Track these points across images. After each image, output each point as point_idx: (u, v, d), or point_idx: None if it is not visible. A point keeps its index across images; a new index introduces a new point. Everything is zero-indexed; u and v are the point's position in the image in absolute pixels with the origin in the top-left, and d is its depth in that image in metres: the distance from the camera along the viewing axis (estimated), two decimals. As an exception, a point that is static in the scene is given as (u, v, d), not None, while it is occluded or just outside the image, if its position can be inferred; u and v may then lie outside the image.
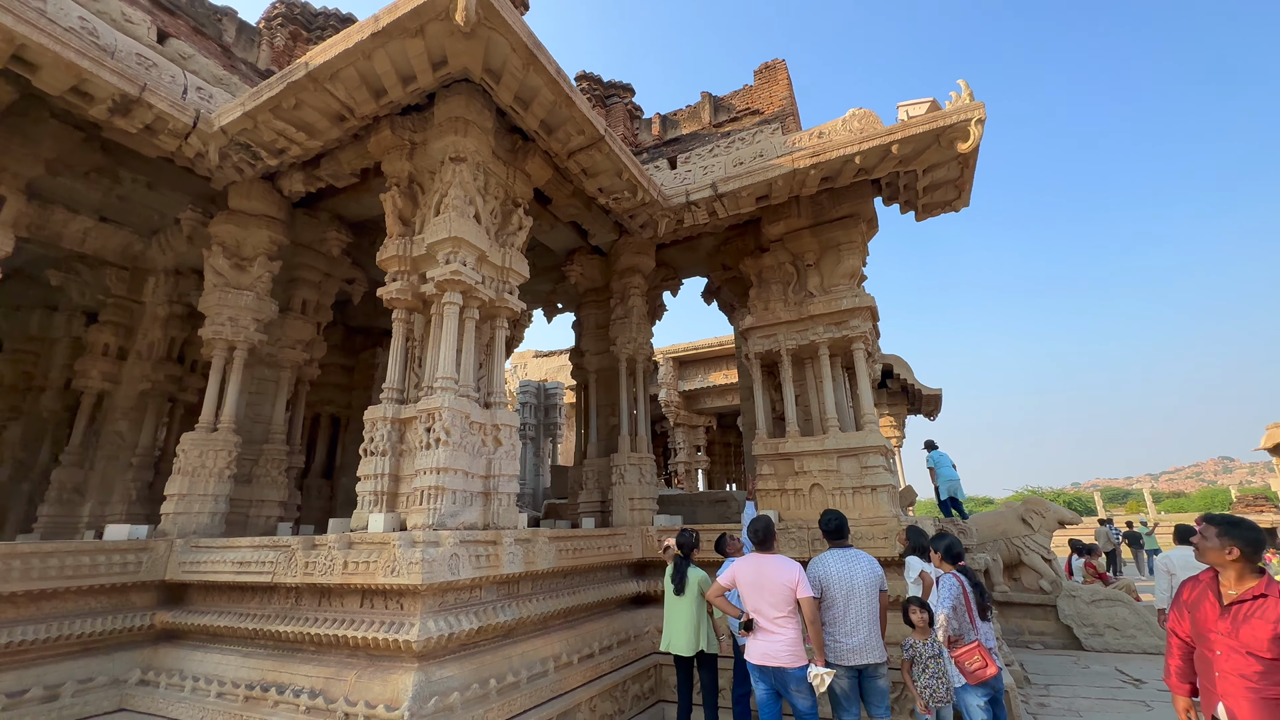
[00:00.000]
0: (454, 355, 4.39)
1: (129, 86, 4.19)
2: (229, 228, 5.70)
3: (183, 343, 7.92)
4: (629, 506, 6.36)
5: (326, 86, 4.25)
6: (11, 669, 3.81)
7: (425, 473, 3.98)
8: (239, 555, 4.30)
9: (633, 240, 7.06)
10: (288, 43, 7.20)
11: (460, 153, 4.61)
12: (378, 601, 3.76)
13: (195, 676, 4.00)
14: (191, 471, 5.10)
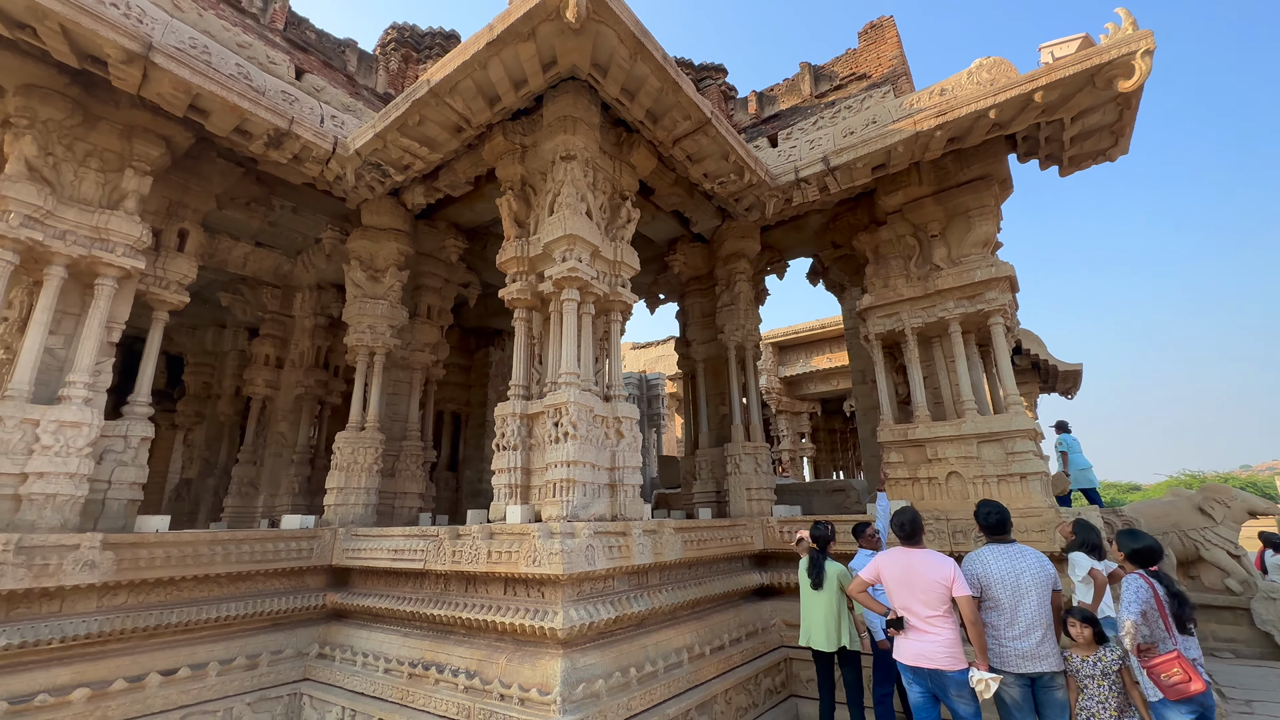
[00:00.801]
0: (574, 350, 4.48)
1: (280, 121, 4.64)
2: (363, 243, 6.19)
3: (327, 350, 8.77)
4: (746, 497, 6.24)
5: (446, 100, 4.46)
6: (221, 640, 4.40)
7: (556, 466, 4.10)
8: (392, 544, 4.68)
9: (737, 225, 6.88)
10: (400, 65, 7.68)
11: (570, 151, 4.68)
12: (520, 589, 3.94)
13: (364, 652, 4.41)
14: (346, 467, 5.62)
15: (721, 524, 5.40)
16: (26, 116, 4.15)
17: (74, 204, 4.32)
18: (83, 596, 3.88)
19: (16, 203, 4.00)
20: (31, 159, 4.14)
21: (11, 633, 3.51)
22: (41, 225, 4.12)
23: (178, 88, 4.19)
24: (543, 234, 4.73)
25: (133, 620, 3.97)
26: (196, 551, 4.34)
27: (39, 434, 3.95)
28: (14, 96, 4.15)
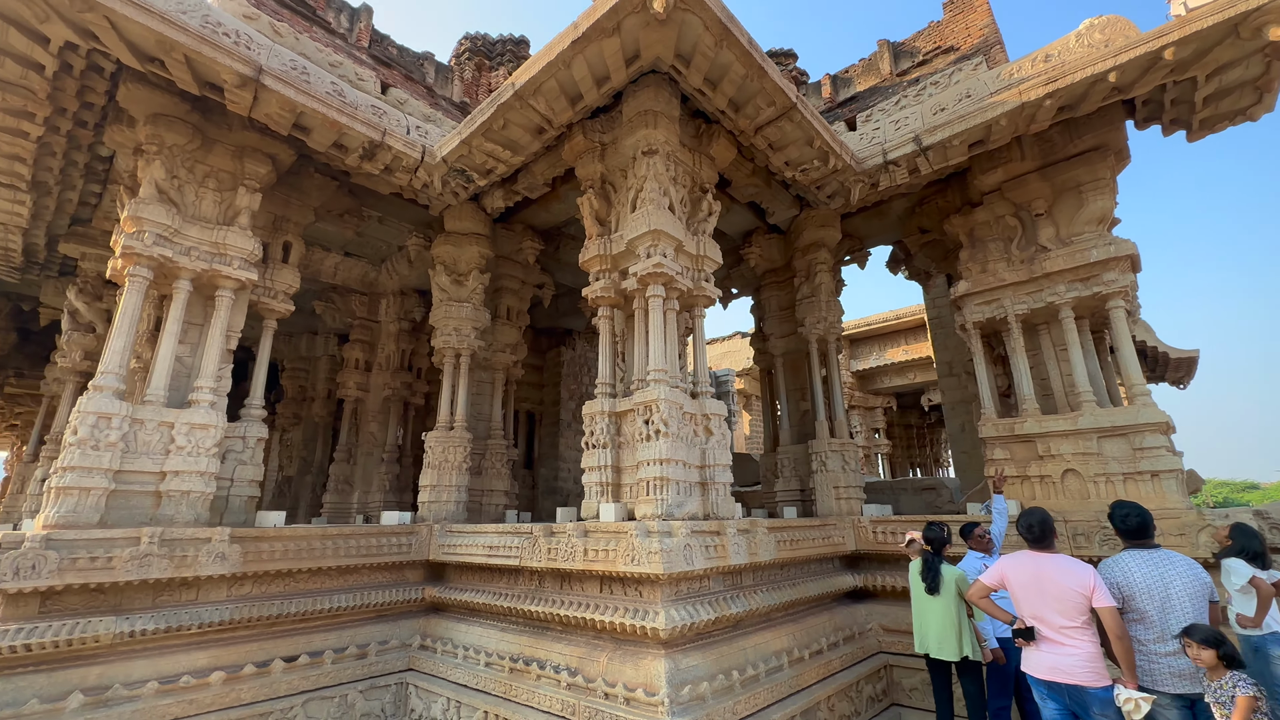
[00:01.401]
0: (662, 346, 4.43)
1: (374, 134, 4.83)
2: (447, 248, 6.38)
3: (410, 353, 9.14)
4: (834, 495, 6.00)
5: (530, 101, 4.51)
6: (333, 629, 4.63)
7: (648, 464, 4.07)
8: (487, 540, 4.78)
9: (816, 213, 6.63)
10: (474, 74, 7.89)
11: (651, 145, 4.63)
12: (616, 588, 3.92)
13: (465, 646, 4.53)
14: (438, 465, 5.82)
15: (812, 524, 5.21)
16: (155, 143, 4.50)
17: (196, 222, 4.66)
18: (214, 586, 4.18)
19: (150, 223, 4.35)
20: (160, 182, 4.49)
21: (159, 618, 3.82)
22: (170, 243, 4.46)
23: (284, 107, 4.43)
24: (625, 231, 4.71)
25: (257, 609, 4.24)
26: (310, 546, 4.59)
27: (174, 435, 4.29)
28: (144, 126, 4.51)
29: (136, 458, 4.11)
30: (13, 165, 5.13)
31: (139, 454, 4.13)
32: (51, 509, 3.74)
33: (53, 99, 4.43)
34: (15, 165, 5.12)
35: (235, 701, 3.92)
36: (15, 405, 15.28)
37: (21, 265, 7.01)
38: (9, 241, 6.36)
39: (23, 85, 4.25)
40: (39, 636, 3.40)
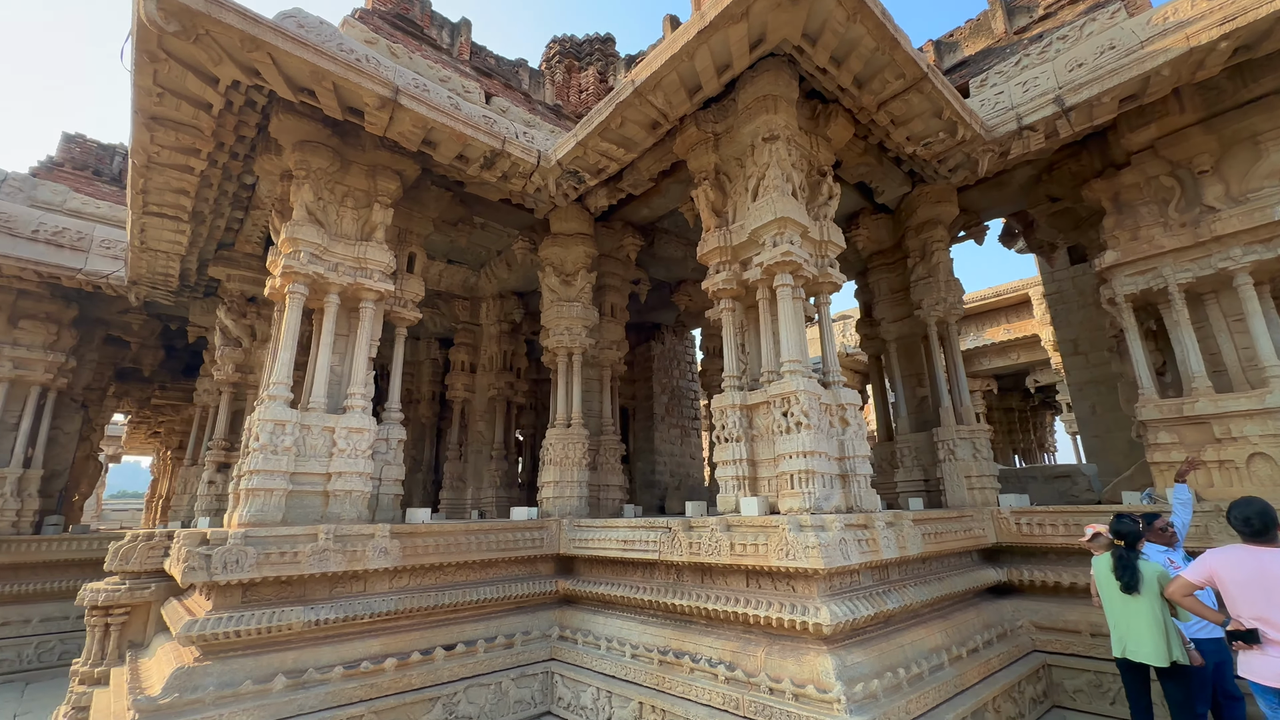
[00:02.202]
0: (796, 337, 4.32)
1: (495, 143, 4.98)
2: (554, 249, 6.52)
3: (510, 354, 9.45)
4: (966, 485, 5.70)
5: (649, 97, 4.50)
6: (480, 620, 4.86)
7: (791, 457, 3.99)
8: (619, 534, 4.86)
9: (930, 189, 6.29)
10: (564, 76, 7.99)
11: (773, 130, 4.52)
12: (764, 582, 3.88)
13: (606, 637, 4.63)
14: (559, 461, 5.97)
15: (949, 515, 4.96)
16: (303, 168, 4.83)
17: (340, 239, 4.98)
18: (378, 579, 4.47)
19: (305, 243, 4.68)
20: (309, 204, 4.82)
21: (337, 608, 4.12)
22: (321, 260, 4.78)
23: (416, 124, 4.64)
24: (747, 220, 4.63)
25: (416, 600, 4.50)
26: (456, 540, 4.83)
27: (335, 439, 4.61)
28: (292, 152, 4.86)
29: (307, 460, 4.45)
30: (179, 199, 5.66)
31: (308, 457, 4.47)
32: (243, 509, 4.12)
33: (215, 135, 4.84)
34: (181, 199, 5.66)
35: (407, 686, 4.18)
36: (159, 415, 17.03)
37: (176, 289, 7.75)
38: (169, 268, 7.05)
39: (192, 125, 4.67)
40: (244, 624, 3.75)
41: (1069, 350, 8.47)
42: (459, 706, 4.32)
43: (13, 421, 7.67)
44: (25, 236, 7.38)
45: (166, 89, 4.26)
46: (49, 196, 8.00)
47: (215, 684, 3.57)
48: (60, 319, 8.02)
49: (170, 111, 4.49)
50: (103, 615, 4.74)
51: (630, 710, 4.05)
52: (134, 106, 4.42)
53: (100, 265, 7.76)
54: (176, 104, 4.41)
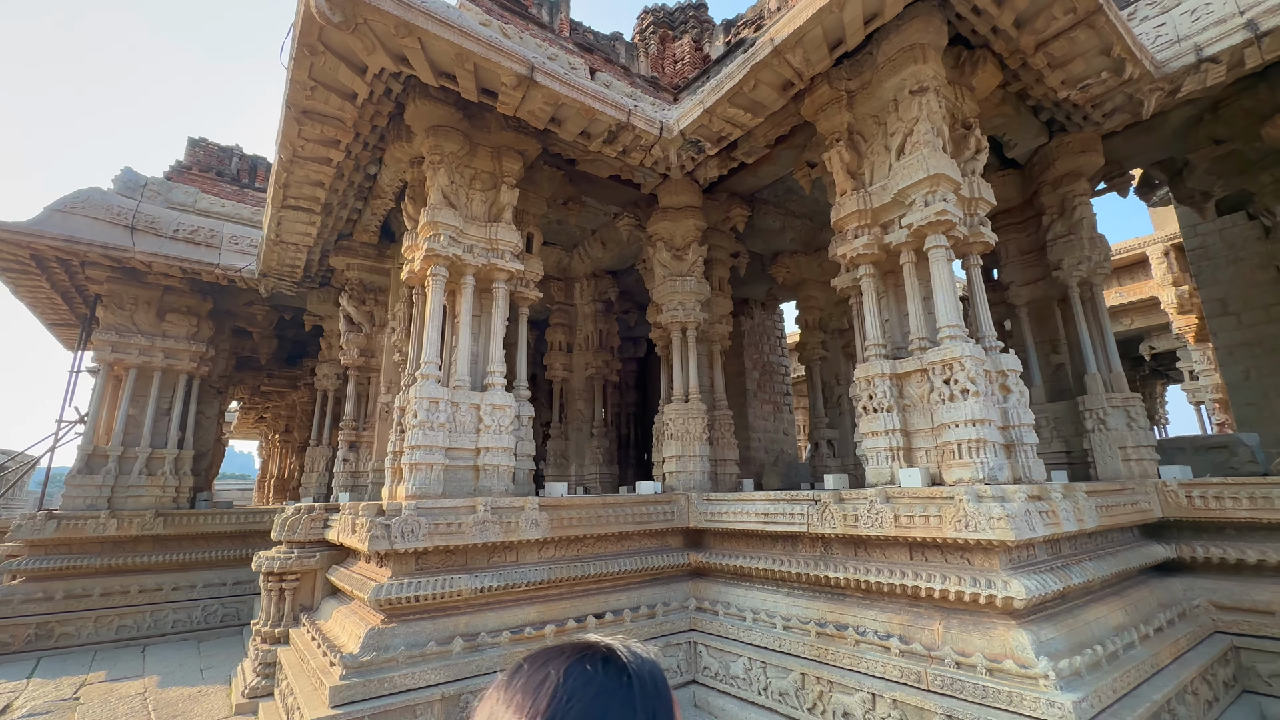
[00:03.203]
0: (953, 301, 4.10)
1: (621, 116, 4.94)
2: (664, 224, 6.45)
3: (605, 333, 9.52)
4: (1121, 457, 5.31)
5: (787, 57, 4.32)
6: (620, 590, 4.96)
7: (957, 425, 3.81)
8: (757, 507, 4.82)
9: (1072, 139, 5.79)
10: (659, 47, 7.84)
11: (921, 82, 4.25)
12: (931, 555, 3.75)
13: (750, 609, 4.63)
14: (680, 436, 5.98)
15: (1113, 488, 4.63)
16: (438, 153, 4.95)
17: (472, 222, 5.09)
18: (528, 550, 4.62)
19: (444, 226, 4.82)
20: (444, 188, 4.95)
21: (496, 576, 4.30)
22: (457, 242, 4.91)
23: (548, 101, 4.65)
24: (890, 180, 4.40)
25: (563, 570, 4.64)
26: (596, 514, 4.92)
27: (481, 416, 4.77)
28: (426, 138, 4.98)
29: (458, 436, 4.63)
30: (314, 191, 5.95)
31: (460, 433, 4.64)
32: (408, 482, 4.33)
33: (354, 126, 5.02)
34: (316, 191, 5.94)
35: (566, 652, 4.32)
36: (266, 401, 18.27)
37: (299, 280, 8.21)
38: (297, 260, 7.47)
39: (336, 117, 4.85)
40: (422, 590, 3.96)
41: (1216, 310, 7.73)
42: (614, 672, 4.44)
43: (165, 407, 8.40)
44: (168, 236, 7.99)
45: (319, 82, 4.43)
46: (182, 198, 8.61)
47: (404, 644, 3.80)
48: (199, 312, 8.68)
49: (319, 105, 4.68)
50: (277, 581, 5.14)
51: (791, 681, 4.04)
52: (286, 101, 4.63)
53: (231, 260, 8.31)
54: (326, 97, 4.59)
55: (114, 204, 7.75)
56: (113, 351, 7.90)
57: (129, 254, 7.39)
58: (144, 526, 7.45)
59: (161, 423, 8.28)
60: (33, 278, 7.93)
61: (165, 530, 7.59)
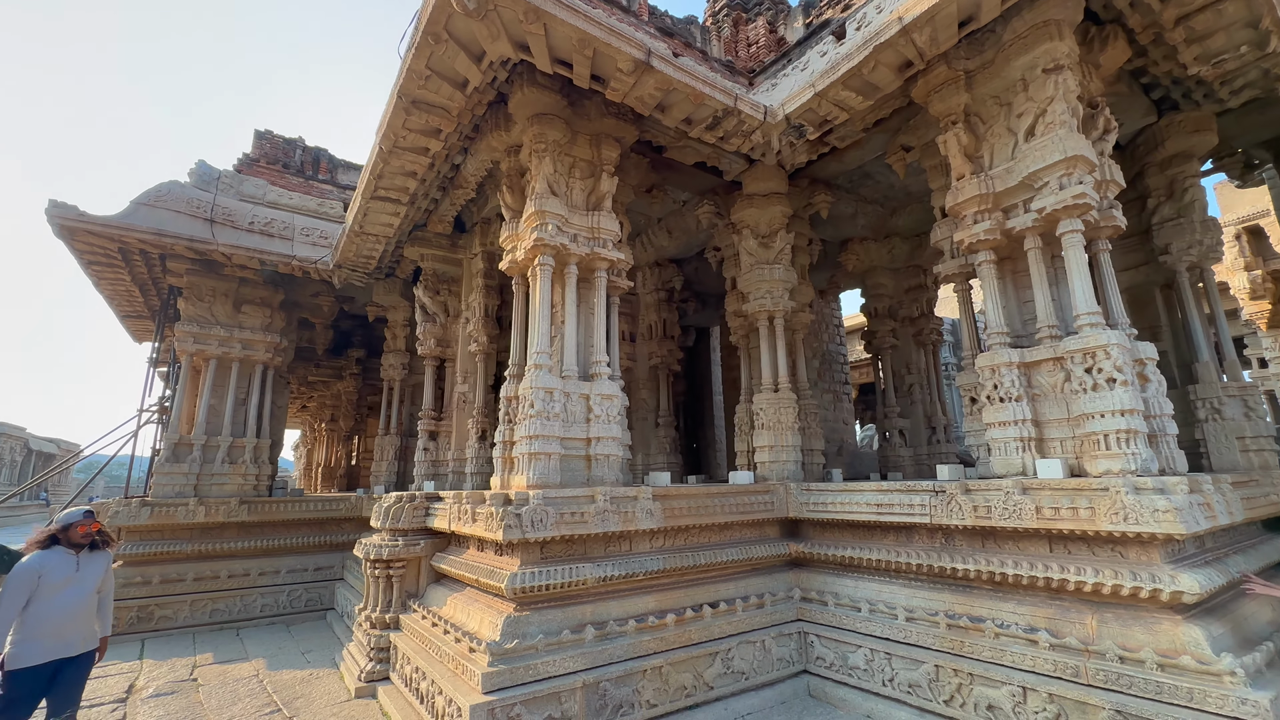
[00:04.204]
0: (1088, 287, 3.98)
1: (728, 101, 4.85)
2: (750, 211, 6.36)
3: (667, 322, 9.48)
4: (1239, 448, 5.16)
5: (913, 35, 4.19)
6: (726, 580, 4.95)
7: (1102, 416, 3.70)
8: (867, 498, 4.76)
9: (1184, 118, 5.57)
10: (732, 30, 7.68)
11: (1056, 60, 4.09)
12: (1076, 547, 3.68)
13: (867, 600, 4.59)
14: (772, 426, 5.93)
15: (1246, 480, 4.49)
16: (541, 141, 4.91)
17: (574, 210, 5.05)
18: (640, 539, 4.63)
19: (551, 215, 4.79)
20: (549, 176, 4.92)
21: (616, 566, 4.30)
22: (563, 232, 4.88)
23: (659, 86, 4.58)
24: (1019, 163, 4.27)
25: (676, 560, 4.64)
26: (702, 503, 4.91)
27: (590, 405, 4.76)
28: (529, 126, 4.94)
29: (571, 425, 4.63)
30: (406, 182, 5.96)
31: (572, 422, 4.65)
32: (528, 472, 4.34)
33: (458, 116, 5.00)
34: (408, 182, 5.95)
35: (687, 641, 4.34)
36: (311, 391, 18.56)
37: (370, 271, 8.28)
38: (374, 251, 7.52)
39: (443, 106, 4.84)
40: (552, 579, 3.98)
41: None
42: (734, 662, 4.45)
43: (241, 397, 8.56)
44: (244, 228, 8.09)
45: (435, 71, 4.41)
46: (252, 190, 8.71)
47: (540, 632, 3.83)
48: (271, 303, 8.80)
49: (429, 94, 4.66)
50: (385, 568, 5.22)
51: (923, 673, 4.00)
52: (398, 91, 4.61)
53: (303, 252, 8.40)
54: (438, 86, 4.56)
55: (193, 197, 7.86)
56: (194, 343, 8.05)
57: (212, 246, 7.50)
58: (230, 513, 7.63)
59: (239, 412, 8.44)
60: (116, 270, 8.10)
61: (249, 517, 7.77)
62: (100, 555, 3.40)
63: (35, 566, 3.11)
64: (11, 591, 3.01)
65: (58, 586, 3.14)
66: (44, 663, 3.07)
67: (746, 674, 4.48)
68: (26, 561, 3.13)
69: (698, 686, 4.24)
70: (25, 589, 3.04)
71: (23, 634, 3.04)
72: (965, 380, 5.03)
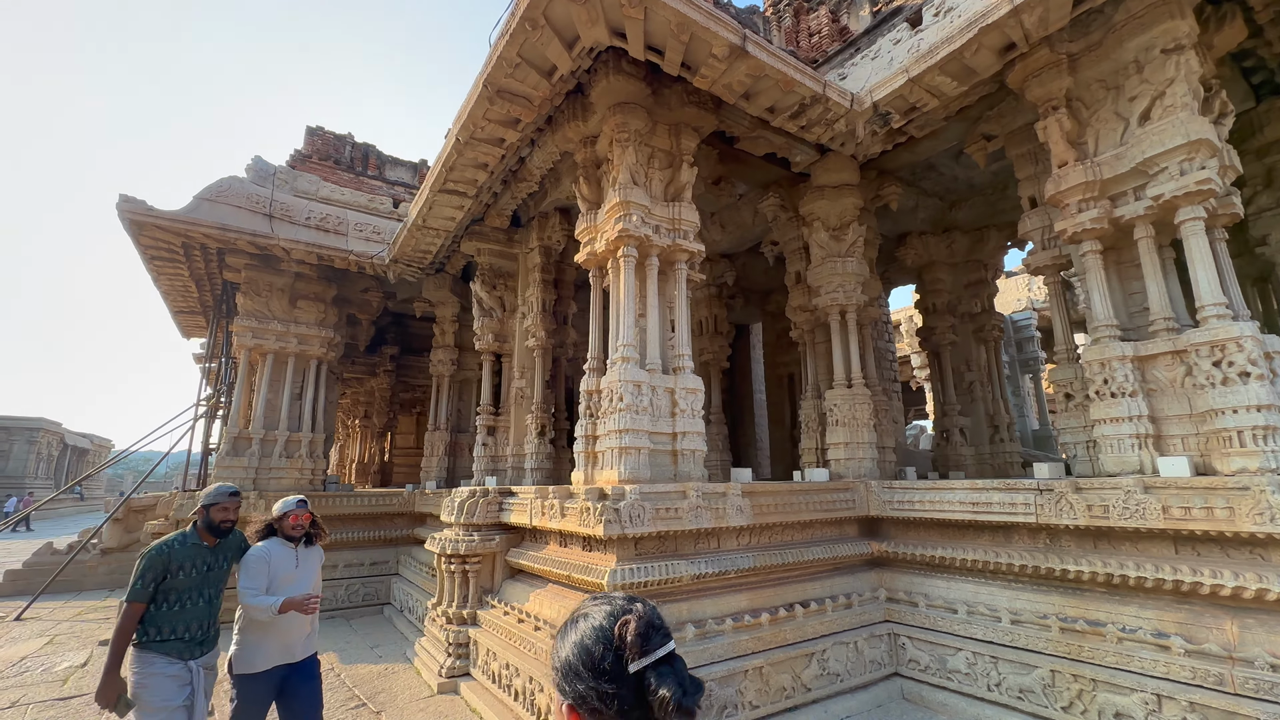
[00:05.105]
0: (1213, 277, 3.80)
1: (817, 88, 4.72)
2: (821, 203, 6.23)
3: (717, 318, 9.36)
4: (1350, 447, 4.90)
5: (1022, 16, 4.03)
6: (812, 579, 4.83)
7: (1236, 411, 3.52)
8: (958, 496, 4.61)
9: (1286, 102, 5.34)
10: (792, 21, 7.54)
11: (1178, 40, 3.92)
12: (1206, 549, 3.51)
13: (964, 602, 4.45)
14: (847, 423, 5.80)
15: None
16: (624, 130, 4.83)
17: (656, 201, 4.96)
18: (728, 536, 4.53)
19: (635, 206, 4.70)
20: (632, 167, 4.83)
21: (710, 563, 4.21)
22: (646, 223, 4.79)
23: (751, 73, 4.46)
24: (1131, 148, 4.09)
25: (764, 558, 4.53)
26: (785, 501, 4.80)
27: (675, 399, 4.67)
28: (611, 115, 4.86)
29: (658, 420, 4.54)
30: (476, 174, 5.91)
31: (659, 416, 4.56)
32: (620, 466, 4.26)
33: (538, 105, 4.93)
34: (478, 174, 5.91)
35: (783, 641, 4.23)
36: (345, 387, 18.70)
37: (425, 265, 8.27)
38: (432, 245, 7.50)
39: (526, 96, 4.77)
40: (650, 575, 3.90)
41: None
42: (829, 663, 4.34)
43: (296, 392, 8.60)
44: (301, 223, 8.12)
45: (524, 59, 4.34)
46: (306, 186, 8.74)
47: (642, 630, 3.74)
48: (325, 298, 8.83)
49: (515, 83, 4.59)
50: (460, 563, 5.18)
51: (1035, 678, 3.85)
52: (484, 80, 4.55)
53: (358, 246, 8.42)
54: (526, 74, 4.50)
55: (252, 192, 7.90)
56: (252, 337, 8.10)
57: (274, 241, 7.54)
58: (288, 507, 7.65)
59: (294, 407, 8.49)
60: (176, 265, 8.18)
61: (307, 511, 7.78)
62: (315, 551, 3.16)
63: (265, 555, 2.91)
64: (253, 567, 2.85)
65: (282, 582, 2.90)
66: (270, 668, 2.86)
67: (841, 676, 4.36)
68: (259, 549, 2.94)
69: (795, 688, 4.13)
70: (263, 570, 2.86)
71: (249, 636, 2.86)
72: (1060, 375, 4.86)
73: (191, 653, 2.78)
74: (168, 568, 2.75)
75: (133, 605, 2.66)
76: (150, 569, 2.70)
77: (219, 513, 2.93)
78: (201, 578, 2.85)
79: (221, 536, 2.97)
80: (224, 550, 2.99)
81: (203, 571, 2.86)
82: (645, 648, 0.83)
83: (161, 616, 2.73)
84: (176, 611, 2.76)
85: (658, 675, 0.81)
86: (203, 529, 2.92)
